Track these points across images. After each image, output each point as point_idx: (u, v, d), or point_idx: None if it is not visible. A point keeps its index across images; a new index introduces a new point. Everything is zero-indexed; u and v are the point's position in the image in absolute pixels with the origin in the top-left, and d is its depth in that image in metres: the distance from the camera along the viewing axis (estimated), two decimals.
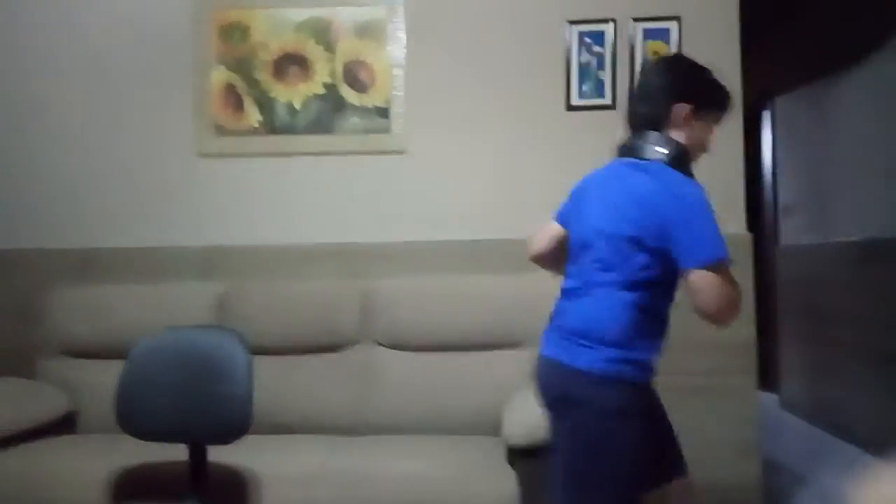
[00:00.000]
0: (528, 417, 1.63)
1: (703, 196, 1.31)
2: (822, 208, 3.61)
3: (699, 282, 1.26)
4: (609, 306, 1.33)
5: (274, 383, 2.21)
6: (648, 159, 1.37)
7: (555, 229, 1.59)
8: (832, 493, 2.88)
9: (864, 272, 3.49)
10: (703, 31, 2.58)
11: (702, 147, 1.44)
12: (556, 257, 1.56)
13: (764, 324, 4.95)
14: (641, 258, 1.31)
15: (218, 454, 1.67)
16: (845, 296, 3.57)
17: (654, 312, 1.37)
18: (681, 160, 1.36)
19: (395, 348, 2.26)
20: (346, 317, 2.29)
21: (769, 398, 4.79)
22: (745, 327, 2.50)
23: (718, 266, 1.27)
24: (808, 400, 4.08)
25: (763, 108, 4.74)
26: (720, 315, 1.28)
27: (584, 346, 1.32)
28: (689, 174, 1.38)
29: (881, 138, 3.36)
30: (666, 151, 1.35)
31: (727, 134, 2.57)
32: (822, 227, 3.91)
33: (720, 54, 2.58)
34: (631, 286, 1.32)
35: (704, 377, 2.50)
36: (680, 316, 2.57)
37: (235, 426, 1.54)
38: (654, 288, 1.35)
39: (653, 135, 1.38)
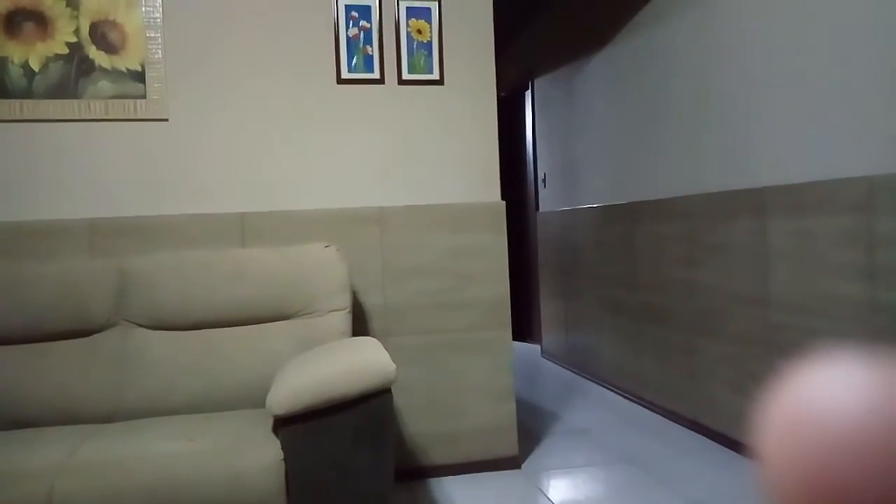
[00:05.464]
0: (289, 387, 1.68)
1: None
2: (571, 178, 4.07)
3: None
4: None
5: (15, 375, 2.01)
6: None
7: None
8: (578, 427, 3.33)
9: (601, 234, 4.02)
10: (460, 12, 2.75)
11: None
12: None
13: (527, 283, 5.49)
14: None
15: None
16: (588, 255, 4.08)
17: None
18: None
19: (155, 328, 2.16)
20: (97, 299, 2.14)
21: (532, 349, 5.34)
22: (500, 286, 2.77)
23: None
24: (563, 348, 4.63)
25: (526, 88, 5.17)
26: None
27: None
28: None
29: (616, 114, 3.86)
30: None
31: (484, 115, 2.79)
32: (572, 195, 4.41)
33: (475, 34, 2.78)
34: None
35: (465, 332, 2.73)
36: (443, 280, 2.77)
37: None
38: None
39: None
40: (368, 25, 2.69)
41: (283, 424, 1.68)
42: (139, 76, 2.50)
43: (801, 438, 0.15)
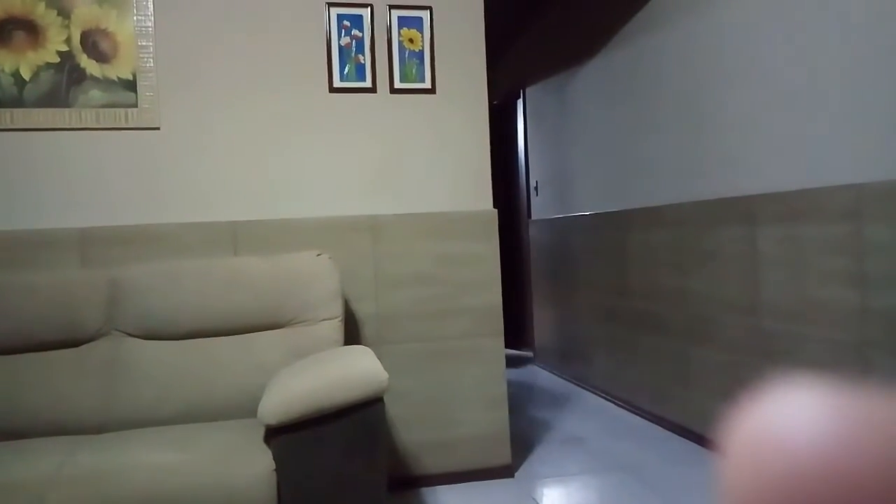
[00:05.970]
0: (281, 397, 1.68)
1: None
2: (563, 186, 4.08)
3: None
4: None
5: (5, 385, 2.00)
6: None
7: None
8: (571, 435, 3.33)
9: (593, 242, 4.04)
10: (452, 21, 2.76)
11: None
12: None
13: (520, 291, 5.49)
14: None
15: None
16: (580, 263, 4.09)
17: None
18: None
19: (147, 338, 2.15)
20: (89, 308, 2.13)
21: (525, 356, 5.34)
22: (493, 293, 2.77)
23: None
24: (556, 355, 4.63)
25: (518, 97, 5.19)
26: None
27: None
28: None
29: (608, 122, 3.88)
30: None
31: (476, 123, 2.80)
32: (564, 202, 4.42)
33: (467, 43, 2.79)
34: None
35: (458, 340, 2.73)
36: (435, 288, 2.77)
37: None
38: None
39: None
40: (360, 34, 2.70)
41: (275, 434, 1.68)
42: (130, 85, 2.50)
43: (762, 457, 0.15)
